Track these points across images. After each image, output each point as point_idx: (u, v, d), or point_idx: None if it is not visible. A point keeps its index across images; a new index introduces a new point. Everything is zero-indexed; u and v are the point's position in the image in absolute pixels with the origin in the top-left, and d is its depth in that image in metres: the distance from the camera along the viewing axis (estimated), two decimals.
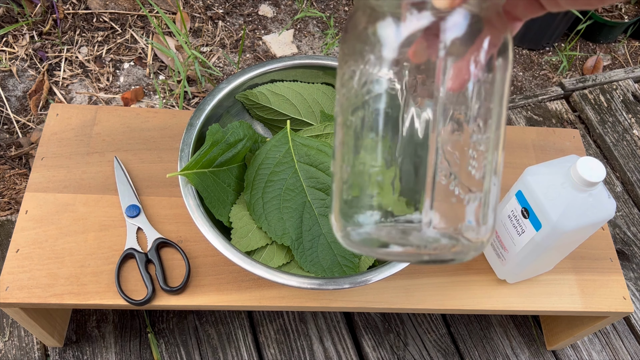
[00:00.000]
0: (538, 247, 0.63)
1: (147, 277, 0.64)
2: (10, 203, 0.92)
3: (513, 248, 0.66)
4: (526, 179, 0.62)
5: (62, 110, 0.77)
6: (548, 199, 0.60)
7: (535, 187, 0.61)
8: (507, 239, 0.66)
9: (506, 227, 0.66)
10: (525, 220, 0.63)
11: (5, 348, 0.79)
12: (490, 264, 0.72)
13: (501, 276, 0.71)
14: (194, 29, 1.21)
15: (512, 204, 0.65)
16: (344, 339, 0.86)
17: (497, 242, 0.69)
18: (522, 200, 0.63)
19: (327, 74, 0.73)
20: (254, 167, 0.66)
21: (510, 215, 0.65)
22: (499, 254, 0.69)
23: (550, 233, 0.60)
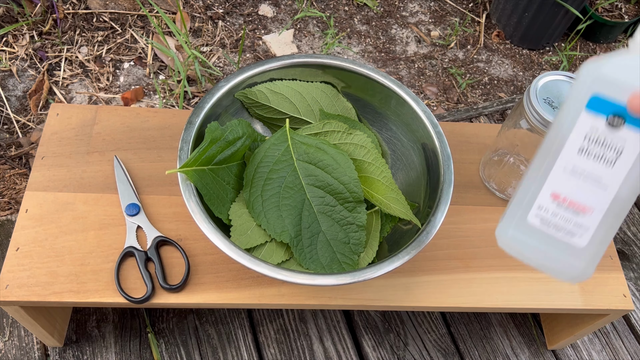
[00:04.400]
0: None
1: (146, 275, 0.64)
2: (10, 203, 0.92)
3: (602, 195, 0.44)
4: (602, 73, 0.43)
5: (62, 110, 0.77)
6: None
7: (622, 76, 0.42)
8: (587, 188, 0.44)
9: (579, 170, 0.44)
10: (619, 130, 0.43)
11: (5, 348, 0.79)
12: (545, 267, 0.47)
13: (572, 274, 0.46)
14: (194, 29, 1.21)
15: (583, 125, 0.44)
16: (344, 338, 0.86)
17: (561, 212, 0.45)
18: (606, 106, 0.43)
19: (326, 73, 0.73)
20: (253, 165, 0.66)
21: (585, 146, 0.44)
22: (569, 230, 0.45)
23: None
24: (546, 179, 0.44)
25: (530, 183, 0.45)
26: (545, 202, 0.44)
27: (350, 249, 0.64)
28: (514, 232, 0.46)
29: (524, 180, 0.46)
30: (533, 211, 0.45)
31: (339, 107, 0.74)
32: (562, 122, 0.45)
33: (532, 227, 0.45)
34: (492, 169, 0.77)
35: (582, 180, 0.44)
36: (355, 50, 1.25)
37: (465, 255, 0.73)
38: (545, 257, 0.46)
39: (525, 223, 0.45)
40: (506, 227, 0.46)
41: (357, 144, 0.69)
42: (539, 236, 0.45)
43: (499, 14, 1.37)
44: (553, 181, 0.44)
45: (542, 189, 0.44)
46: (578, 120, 0.44)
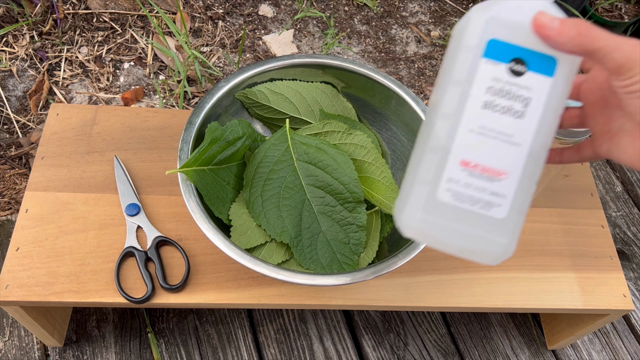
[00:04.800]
0: (560, 104, 0.39)
1: (146, 275, 0.64)
2: (10, 203, 0.92)
3: (515, 154, 0.39)
4: (495, 14, 0.38)
5: (62, 110, 0.77)
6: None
7: (519, 14, 0.38)
8: (498, 148, 0.38)
9: (487, 129, 0.38)
10: (523, 77, 0.38)
11: (5, 348, 0.79)
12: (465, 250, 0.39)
13: (495, 252, 0.39)
14: (194, 29, 1.21)
15: (484, 76, 0.38)
16: (344, 338, 0.86)
17: (475, 181, 0.39)
18: (505, 51, 0.38)
19: (326, 73, 0.73)
20: (253, 165, 0.66)
21: (490, 99, 0.38)
22: (487, 201, 0.39)
23: (574, 63, 0.38)
24: (452, 145, 0.38)
25: (434, 154, 0.39)
26: (456, 172, 0.38)
27: (350, 249, 0.64)
28: (424, 215, 0.39)
29: (423, 153, 0.40)
30: (443, 185, 0.38)
31: (339, 107, 0.74)
32: (458, 77, 0.39)
33: (444, 204, 0.38)
34: None
35: (492, 140, 0.38)
36: (355, 50, 1.25)
37: None
38: (464, 238, 0.39)
39: (436, 201, 0.38)
40: (413, 210, 0.39)
41: (357, 144, 0.69)
42: (453, 214, 0.39)
43: None
44: (460, 146, 0.38)
45: (449, 158, 0.38)
46: (477, 72, 0.38)
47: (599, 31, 0.34)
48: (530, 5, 0.38)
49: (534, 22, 0.36)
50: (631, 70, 0.33)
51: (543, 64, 0.38)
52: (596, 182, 1.10)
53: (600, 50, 0.34)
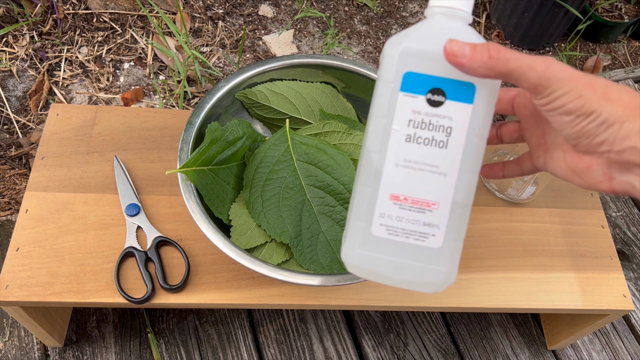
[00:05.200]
0: (484, 129, 0.38)
1: (146, 276, 0.64)
2: (10, 203, 0.92)
3: (443, 184, 0.38)
4: (407, 47, 0.37)
5: (62, 110, 0.77)
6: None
7: (432, 45, 0.37)
8: (426, 179, 0.38)
9: (412, 162, 0.38)
10: (443, 107, 0.37)
11: (5, 348, 0.79)
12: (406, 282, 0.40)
13: (436, 282, 0.39)
14: (194, 29, 1.21)
15: (403, 110, 0.38)
16: (344, 339, 0.86)
17: (407, 214, 0.39)
18: (421, 82, 0.37)
19: (326, 73, 0.73)
20: (253, 165, 0.66)
21: (412, 132, 0.38)
22: (420, 232, 0.39)
23: (493, 87, 0.38)
24: (380, 180, 0.39)
25: (365, 189, 0.39)
26: (387, 207, 0.38)
27: None
28: (362, 251, 0.39)
29: (357, 187, 0.40)
30: (376, 221, 0.39)
31: (339, 107, 0.74)
32: (379, 112, 0.39)
33: (379, 239, 0.39)
34: None
35: (419, 172, 0.38)
36: (355, 51, 1.25)
37: (465, 256, 0.73)
38: (404, 271, 0.39)
39: (372, 236, 0.39)
40: (352, 247, 0.40)
41: (357, 144, 0.69)
42: (390, 248, 0.39)
43: (499, 14, 1.37)
44: (388, 181, 0.38)
45: (379, 193, 0.39)
46: (397, 106, 0.38)
47: (510, 53, 0.34)
48: (441, 32, 0.37)
49: (445, 51, 0.36)
50: (547, 88, 0.34)
51: (461, 91, 0.37)
52: None
53: (514, 71, 0.34)
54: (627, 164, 0.33)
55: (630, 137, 0.32)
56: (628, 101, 0.33)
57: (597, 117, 0.33)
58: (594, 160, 0.35)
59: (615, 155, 0.33)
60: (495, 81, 0.38)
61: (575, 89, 0.33)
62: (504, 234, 0.75)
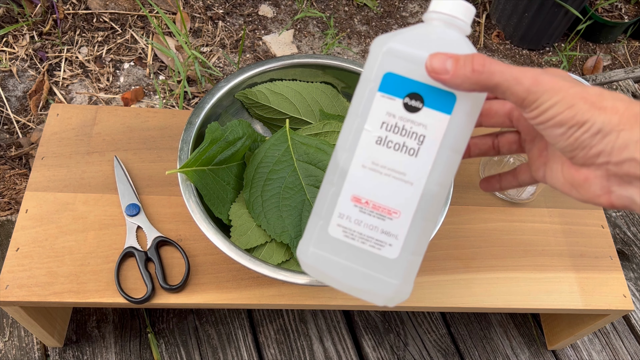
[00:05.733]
0: (460, 144, 0.37)
1: (146, 276, 0.64)
2: (10, 203, 0.92)
3: (408, 193, 0.37)
4: (391, 47, 0.36)
5: (62, 110, 0.77)
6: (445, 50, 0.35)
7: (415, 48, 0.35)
8: (390, 185, 0.37)
9: (379, 166, 0.37)
10: (419, 113, 0.36)
11: (5, 348, 0.79)
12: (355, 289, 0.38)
13: (386, 294, 0.38)
14: (194, 29, 1.21)
15: (379, 111, 0.37)
16: (344, 339, 0.86)
17: (366, 218, 0.37)
18: (400, 85, 0.36)
19: (326, 73, 0.73)
20: (253, 165, 0.66)
21: (383, 135, 0.36)
22: (377, 240, 0.37)
23: (476, 99, 0.36)
24: (345, 179, 0.37)
25: (329, 187, 0.38)
26: (346, 208, 0.37)
27: None
28: (315, 250, 0.38)
29: (323, 184, 0.39)
30: (334, 220, 0.37)
31: (339, 107, 0.74)
32: (355, 110, 0.37)
33: (335, 240, 0.37)
34: (492, 170, 0.78)
35: (385, 177, 0.36)
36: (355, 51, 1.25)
37: (465, 255, 0.73)
38: (355, 277, 0.37)
39: (328, 236, 0.38)
40: (306, 244, 0.38)
41: None
42: (344, 251, 0.37)
43: (499, 14, 1.37)
44: (353, 181, 0.37)
45: (341, 193, 0.37)
46: (372, 106, 0.36)
47: (496, 65, 0.33)
48: (431, 38, 0.36)
49: (427, 67, 0.34)
50: (534, 102, 0.32)
51: (441, 100, 0.35)
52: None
53: (499, 85, 0.33)
54: (627, 176, 0.31)
55: (629, 147, 0.30)
56: (624, 109, 0.31)
57: (590, 126, 0.31)
58: (591, 173, 0.33)
59: (614, 167, 0.31)
60: (480, 94, 0.36)
61: (565, 99, 0.31)
62: (504, 234, 0.75)
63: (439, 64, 0.34)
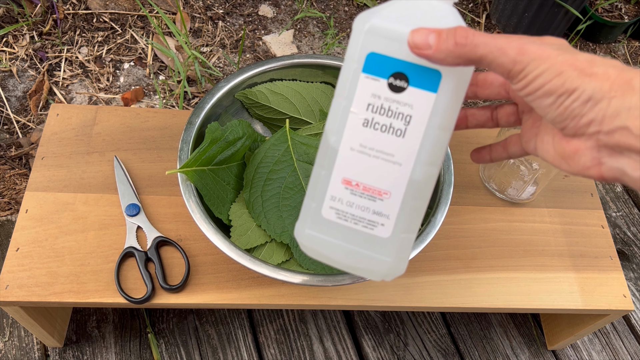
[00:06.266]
0: (447, 122, 0.36)
1: (146, 276, 0.64)
2: (10, 203, 0.92)
3: (397, 174, 0.37)
4: (373, 25, 0.35)
5: (62, 110, 0.77)
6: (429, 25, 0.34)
7: (398, 25, 0.34)
8: (379, 167, 0.37)
9: (367, 148, 0.37)
10: (404, 93, 0.35)
11: (5, 348, 0.79)
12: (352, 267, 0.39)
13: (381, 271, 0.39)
14: (194, 29, 1.21)
15: (363, 93, 0.36)
16: (344, 339, 0.86)
17: (357, 200, 0.38)
18: (384, 65, 0.35)
19: (326, 73, 0.73)
20: (253, 165, 0.66)
21: (369, 117, 0.36)
22: (369, 220, 0.38)
23: (462, 75, 0.35)
24: (334, 163, 0.37)
25: (320, 170, 0.38)
26: (338, 190, 0.38)
27: None
28: (311, 231, 0.39)
29: (314, 167, 0.39)
30: (327, 203, 0.38)
31: None
32: (340, 92, 0.37)
33: (328, 222, 0.38)
34: (492, 170, 0.77)
35: (373, 159, 0.36)
36: None
37: (465, 255, 0.73)
38: (350, 256, 0.38)
39: (321, 218, 0.38)
40: (302, 227, 0.39)
41: None
42: (338, 232, 0.38)
43: (499, 14, 1.37)
44: (342, 164, 0.37)
45: (332, 176, 0.38)
46: (357, 87, 0.36)
47: (480, 37, 0.32)
48: (415, 12, 0.35)
49: (409, 44, 0.33)
50: (521, 72, 0.31)
51: (425, 78, 0.35)
52: (596, 182, 1.10)
53: (484, 57, 0.32)
54: (618, 146, 0.30)
55: (621, 115, 0.29)
56: (615, 75, 0.29)
57: (580, 94, 0.30)
58: (582, 143, 0.32)
59: (605, 136, 0.30)
60: (466, 69, 0.35)
61: (553, 67, 0.30)
62: (504, 234, 0.75)
63: (421, 39, 0.33)
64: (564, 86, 0.30)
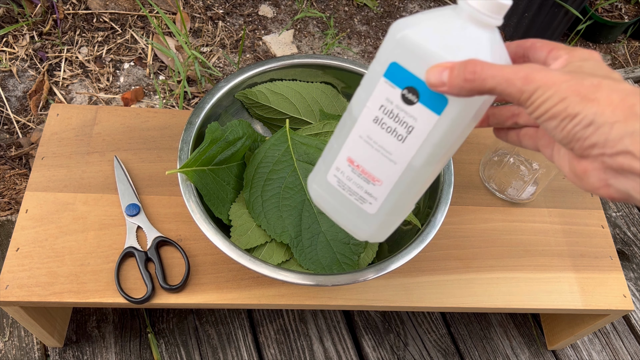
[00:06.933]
0: (443, 142, 0.39)
1: (146, 276, 0.64)
2: (10, 203, 0.92)
3: (391, 170, 0.42)
4: (403, 37, 0.37)
5: (62, 110, 0.77)
6: (450, 52, 0.36)
7: (423, 43, 0.37)
8: (378, 159, 0.42)
9: (372, 140, 0.41)
10: (413, 107, 0.38)
11: (5, 348, 0.79)
12: (342, 224, 0.47)
13: (363, 235, 0.47)
14: (194, 29, 1.21)
15: (380, 95, 0.40)
16: (344, 339, 0.86)
17: (355, 178, 0.44)
18: (402, 77, 0.38)
19: (326, 73, 0.73)
20: (253, 165, 0.66)
21: (380, 116, 0.40)
22: (361, 196, 0.44)
23: (469, 105, 0.37)
24: (344, 142, 0.43)
25: (334, 141, 0.44)
26: (342, 164, 0.44)
27: (350, 250, 0.64)
28: (317, 187, 0.47)
29: (332, 136, 0.45)
30: (332, 171, 0.45)
31: (339, 107, 0.74)
32: (364, 86, 0.41)
33: (330, 185, 0.45)
34: (492, 170, 0.77)
35: (375, 151, 0.42)
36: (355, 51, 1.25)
37: (465, 256, 0.73)
38: (341, 216, 0.46)
39: (325, 180, 0.45)
40: (312, 180, 0.47)
41: None
42: (335, 195, 0.45)
43: None
44: (350, 145, 0.43)
45: (340, 151, 0.43)
46: (376, 88, 0.40)
47: (487, 70, 0.33)
48: (449, 30, 0.36)
49: (426, 81, 0.36)
50: (528, 99, 0.33)
51: (434, 100, 0.38)
52: None
53: (493, 89, 0.34)
54: (622, 169, 0.31)
55: (624, 139, 0.30)
56: (618, 100, 0.31)
57: (582, 119, 0.31)
58: (589, 164, 0.33)
59: (609, 159, 0.31)
60: (474, 101, 0.37)
61: (557, 93, 0.32)
62: (504, 234, 0.75)
63: (435, 79, 0.35)
64: (566, 111, 0.32)
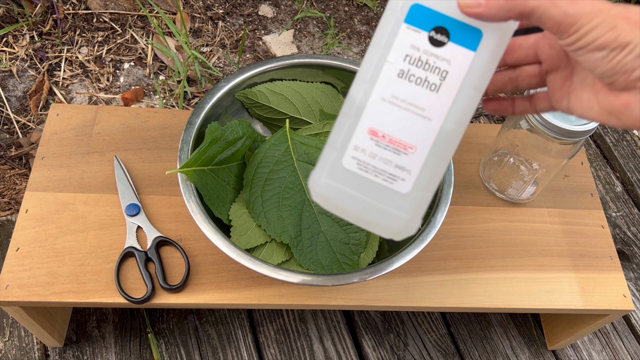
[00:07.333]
0: (482, 83, 0.36)
1: (146, 276, 0.64)
2: (10, 203, 0.92)
3: (425, 129, 0.37)
4: None
5: (62, 110, 0.77)
6: None
7: None
8: (409, 120, 0.37)
9: (399, 99, 0.36)
10: (443, 48, 0.35)
11: (5, 348, 0.79)
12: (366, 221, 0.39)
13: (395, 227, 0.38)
14: (194, 29, 1.21)
15: (403, 43, 0.36)
16: (344, 339, 0.86)
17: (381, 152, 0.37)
18: (427, 17, 0.35)
19: (326, 73, 0.73)
20: (253, 165, 0.66)
21: (406, 68, 0.36)
22: (390, 174, 0.37)
23: (503, 34, 0.35)
24: (363, 112, 0.37)
25: (345, 119, 0.38)
26: (363, 140, 0.37)
27: (350, 250, 0.64)
28: (328, 180, 0.38)
29: (339, 116, 0.38)
30: (349, 152, 0.37)
31: (339, 107, 0.74)
32: (379, 41, 0.36)
33: (348, 172, 0.38)
34: (492, 170, 0.77)
35: (404, 112, 0.36)
36: (355, 51, 1.25)
37: (465, 255, 0.73)
38: (365, 209, 0.38)
39: (341, 168, 0.38)
40: (319, 174, 0.38)
41: None
42: (356, 183, 0.37)
43: None
44: (370, 114, 0.37)
45: (358, 125, 0.37)
46: (397, 37, 0.36)
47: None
48: None
49: (459, 6, 0.34)
50: (572, 26, 0.31)
51: (467, 36, 0.35)
52: (596, 182, 1.10)
53: (535, 10, 0.31)
54: None
55: None
56: None
57: (634, 48, 0.29)
58: (633, 97, 0.31)
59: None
60: (507, 29, 0.35)
61: (606, 20, 0.30)
62: (504, 234, 0.75)
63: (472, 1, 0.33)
64: (617, 40, 0.30)
